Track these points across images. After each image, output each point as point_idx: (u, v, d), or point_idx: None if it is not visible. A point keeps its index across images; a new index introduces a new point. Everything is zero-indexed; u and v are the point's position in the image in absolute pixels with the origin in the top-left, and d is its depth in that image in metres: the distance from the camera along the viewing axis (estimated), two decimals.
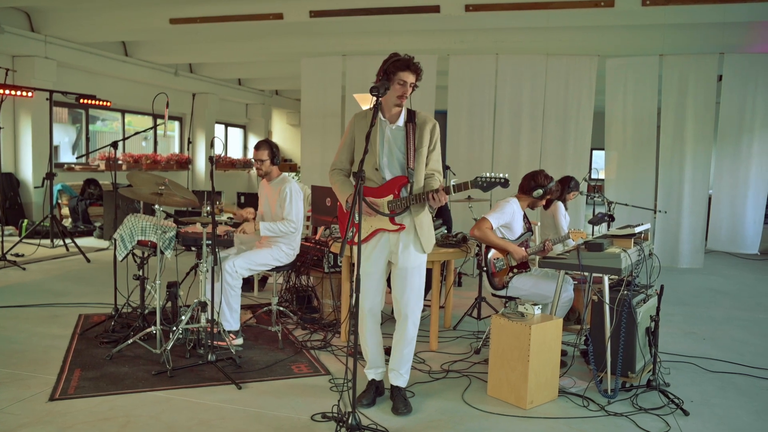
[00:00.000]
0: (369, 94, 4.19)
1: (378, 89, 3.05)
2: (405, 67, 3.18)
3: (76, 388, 3.54)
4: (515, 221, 4.26)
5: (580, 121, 8.02)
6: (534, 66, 8.11)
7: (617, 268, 3.52)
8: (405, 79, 3.18)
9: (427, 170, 3.33)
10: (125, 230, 4.21)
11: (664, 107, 7.86)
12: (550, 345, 3.54)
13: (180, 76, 13.49)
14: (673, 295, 6.60)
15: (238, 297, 4.32)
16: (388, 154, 3.28)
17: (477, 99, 8.32)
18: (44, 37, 9.98)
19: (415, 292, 3.35)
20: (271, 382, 3.78)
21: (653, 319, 3.71)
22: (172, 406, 3.36)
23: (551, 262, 3.75)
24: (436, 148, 3.34)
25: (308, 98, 9.21)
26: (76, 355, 4.11)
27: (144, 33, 10.36)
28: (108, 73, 11.68)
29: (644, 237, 4.17)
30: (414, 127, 3.29)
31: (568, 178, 5.67)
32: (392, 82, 3.18)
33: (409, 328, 3.37)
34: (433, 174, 3.34)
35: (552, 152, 8.12)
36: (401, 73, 3.18)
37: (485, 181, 3.06)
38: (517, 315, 3.60)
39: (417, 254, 3.32)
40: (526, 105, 8.19)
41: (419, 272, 3.35)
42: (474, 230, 4.16)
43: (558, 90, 8.05)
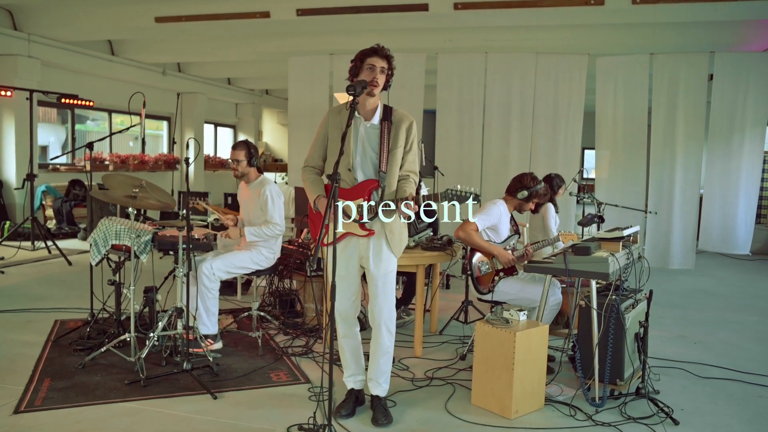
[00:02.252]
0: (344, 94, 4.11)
1: (354, 88, 2.93)
2: (372, 52, 3.10)
3: (44, 400, 3.40)
4: (502, 223, 4.15)
5: (570, 120, 7.94)
6: (523, 64, 8.02)
7: (604, 272, 3.41)
8: (373, 63, 3.08)
9: (402, 172, 3.22)
10: (99, 234, 4.08)
11: (654, 106, 7.78)
12: (536, 352, 3.43)
13: (168, 76, 13.33)
14: (663, 297, 6.51)
15: (215, 300, 4.20)
16: (361, 154, 3.16)
17: (466, 98, 8.22)
18: (27, 35, 9.80)
19: (388, 298, 3.23)
20: (249, 391, 3.65)
21: (642, 324, 3.61)
22: (143, 417, 3.23)
23: (537, 266, 3.64)
24: (412, 148, 3.22)
25: (296, 97, 9.09)
26: (47, 364, 3.97)
27: (129, 32, 10.19)
28: (94, 72, 11.51)
29: (633, 240, 4.06)
30: (390, 125, 3.17)
31: (551, 177, 5.58)
32: (362, 71, 3.08)
33: (384, 336, 3.25)
34: (408, 176, 3.22)
35: (542, 151, 8.03)
36: (369, 58, 3.09)
37: (455, 195, 2.95)
38: (502, 321, 3.49)
39: (388, 260, 3.20)
40: (515, 104, 8.10)
41: (392, 278, 3.24)
42: (459, 232, 4.05)
43: (548, 89, 7.96)
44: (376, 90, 3.09)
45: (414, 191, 3.16)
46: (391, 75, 3.17)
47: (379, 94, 3.17)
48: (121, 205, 3.97)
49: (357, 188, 3.15)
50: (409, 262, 4.25)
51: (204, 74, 14.15)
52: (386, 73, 3.13)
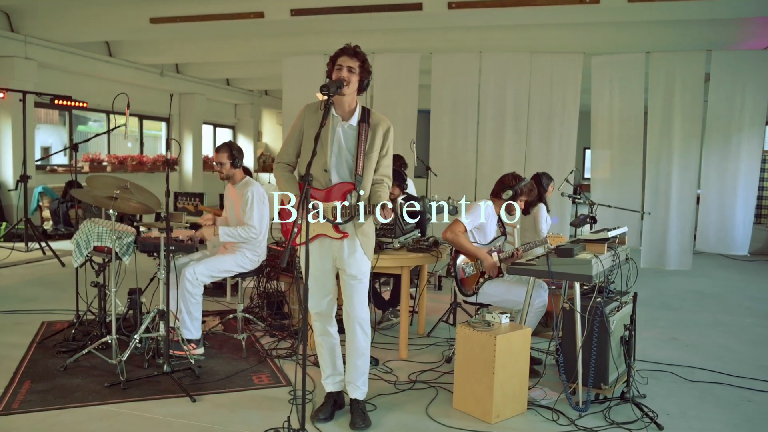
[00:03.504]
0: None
1: (329, 87, 2.89)
2: (341, 52, 3.08)
3: (21, 402, 3.38)
4: (489, 224, 4.10)
5: (565, 119, 7.87)
6: (518, 64, 7.96)
7: (587, 275, 3.36)
8: (342, 63, 3.05)
9: (376, 176, 3.18)
10: (81, 236, 4.05)
11: (650, 105, 7.70)
12: (517, 356, 3.38)
13: (166, 77, 13.32)
14: (658, 298, 6.45)
15: (198, 305, 4.16)
16: (337, 155, 3.13)
17: (460, 98, 8.17)
18: (24, 37, 9.80)
19: (363, 299, 3.21)
20: (229, 394, 3.62)
21: (627, 327, 3.55)
22: (120, 421, 3.20)
23: (520, 268, 3.59)
24: (388, 153, 3.19)
25: (290, 98, 9.06)
26: (29, 366, 3.95)
27: (124, 33, 10.18)
28: (91, 73, 11.50)
29: (620, 241, 4.01)
30: (367, 128, 3.14)
31: (539, 176, 5.52)
32: (334, 72, 3.06)
33: (359, 337, 3.22)
34: (382, 180, 3.19)
35: (537, 151, 7.97)
36: (339, 58, 3.07)
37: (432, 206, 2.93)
38: (483, 324, 3.44)
39: (363, 261, 3.17)
40: (510, 103, 8.04)
41: (366, 279, 3.21)
42: (446, 233, 4.00)
43: (543, 88, 7.90)
44: (346, 89, 3.05)
45: (387, 196, 3.13)
46: (367, 74, 3.13)
47: (354, 94, 3.12)
48: (102, 206, 3.93)
49: (332, 190, 3.12)
50: (392, 264, 4.21)
51: (202, 75, 14.14)
52: (357, 73, 3.08)
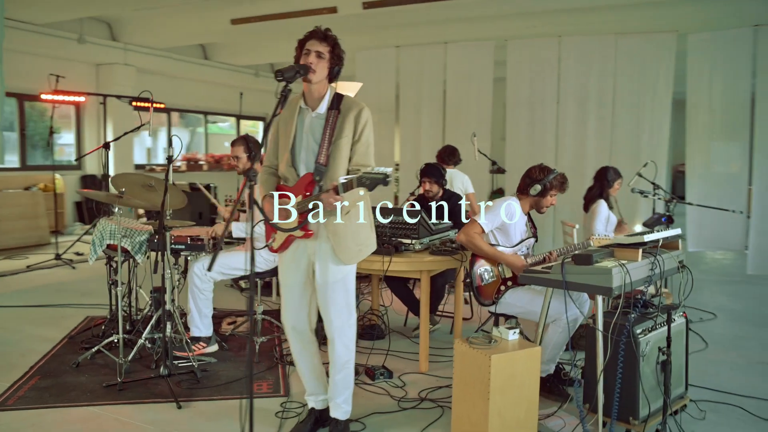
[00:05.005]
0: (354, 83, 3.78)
1: (283, 73, 2.60)
2: (310, 35, 2.79)
3: (18, 399, 3.41)
4: (513, 225, 3.60)
5: (656, 108, 7.02)
6: (602, 48, 7.21)
7: (606, 287, 2.81)
8: (310, 47, 2.76)
9: (351, 166, 2.83)
10: (97, 233, 4.07)
11: (760, 90, 6.64)
12: (522, 379, 2.90)
13: (261, 77, 13.68)
14: (756, 312, 5.52)
15: (208, 301, 4.05)
16: (306, 148, 2.83)
17: (538, 87, 7.56)
18: (124, 45, 10.42)
19: (340, 309, 2.87)
20: (220, 401, 3.44)
21: (662, 351, 2.94)
22: (96, 424, 3.13)
23: (532, 276, 3.09)
24: (361, 138, 2.82)
25: (363, 94, 8.84)
26: (49, 361, 4.02)
27: (209, 35, 10.53)
28: (188, 76, 11.98)
29: (670, 245, 3.36)
30: (337, 114, 2.81)
31: (605, 170, 4.89)
32: (301, 57, 2.77)
33: (339, 351, 2.89)
34: (358, 170, 2.82)
35: (623, 144, 7.19)
36: (308, 42, 2.78)
37: (368, 179, 2.50)
38: (483, 340, 2.99)
39: (336, 267, 2.83)
40: (593, 92, 7.31)
41: (343, 286, 2.86)
42: (460, 235, 3.57)
43: (630, 74, 7.10)
44: (313, 76, 2.75)
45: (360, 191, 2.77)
46: (339, 60, 2.81)
47: (323, 81, 2.82)
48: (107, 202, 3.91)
49: (297, 184, 2.83)
50: (406, 268, 3.85)
51: None
52: (327, 59, 2.77)
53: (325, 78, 2.82)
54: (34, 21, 8.81)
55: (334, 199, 2.60)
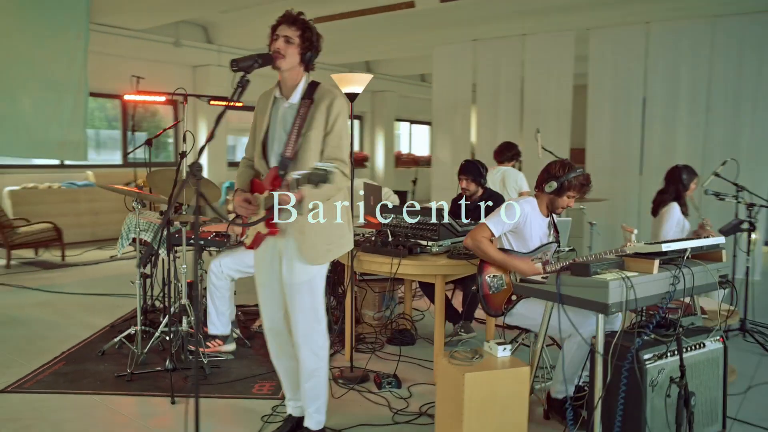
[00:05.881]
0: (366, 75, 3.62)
1: (238, 62, 2.46)
2: (281, 19, 2.64)
3: (36, 382, 3.58)
4: (528, 227, 3.24)
5: (759, 99, 6.16)
6: (695, 33, 6.46)
7: (602, 302, 2.41)
8: (278, 33, 2.62)
9: (324, 159, 2.64)
10: (125, 227, 4.20)
11: None
12: (505, 402, 2.58)
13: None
14: None
15: (225, 299, 4.03)
16: (278, 139, 2.69)
17: (622, 78, 6.94)
18: (217, 47, 10.89)
19: (306, 313, 2.69)
20: (217, 400, 3.40)
21: (675, 382, 2.49)
22: (88, 413, 3.20)
23: (527, 287, 2.74)
24: (333, 130, 2.63)
25: (439, 90, 8.63)
26: (83, 348, 4.20)
27: None
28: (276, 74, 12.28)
29: (712, 257, 2.87)
30: (309, 104, 2.65)
31: (678, 169, 4.33)
32: (271, 42, 2.64)
33: (306, 358, 2.72)
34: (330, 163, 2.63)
35: (718, 140, 6.41)
36: (277, 28, 2.63)
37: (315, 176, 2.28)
38: (467, 355, 2.70)
39: (302, 267, 2.65)
40: (684, 82, 6.58)
41: (309, 288, 2.68)
42: (467, 239, 3.27)
43: (728, 61, 6.28)
44: (281, 62, 2.60)
45: (334, 188, 2.58)
46: (311, 46, 2.64)
47: (296, 69, 2.66)
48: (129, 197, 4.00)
49: (266, 179, 2.70)
50: (417, 272, 3.60)
51: (394, 72, 14.28)
52: (297, 44, 2.61)
53: (298, 65, 2.67)
54: (132, 27, 9.43)
55: (286, 197, 2.44)
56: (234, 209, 2.77)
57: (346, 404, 3.36)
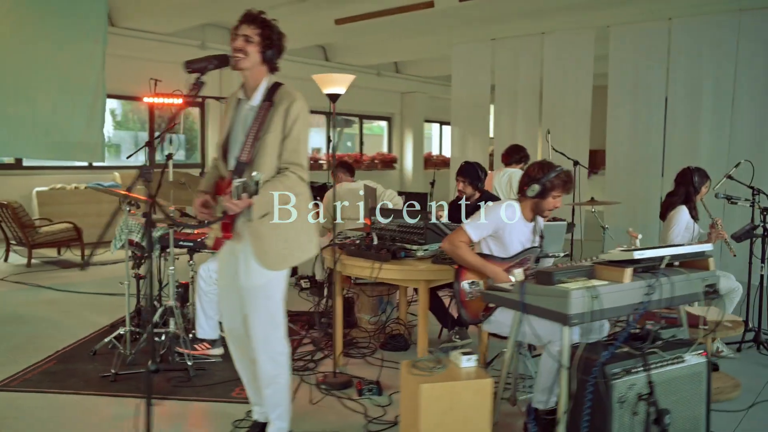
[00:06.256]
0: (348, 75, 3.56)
1: (191, 64, 2.43)
2: (239, 20, 2.59)
3: (23, 381, 3.64)
4: (508, 232, 3.11)
5: None
6: (720, 28, 6.17)
7: (563, 313, 2.28)
8: (237, 32, 2.57)
9: (281, 163, 2.60)
10: (118, 229, 4.24)
11: None
12: (466, 415, 2.47)
13: (383, 77, 13.70)
14: None
15: (213, 303, 3.99)
16: (238, 142, 2.65)
17: (643, 76, 6.68)
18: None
19: (262, 319, 2.64)
20: (192, 402, 3.39)
21: (643, 398, 2.33)
22: (61, 413, 3.23)
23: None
24: (291, 134, 2.57)
25: (459, 90, 8.51)
26: (78, 347, 4.25)
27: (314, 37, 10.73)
28: (308, 77, 12.29)
29: (699, 265, 2.70)
30: (269, 106, 2.60)
31: (690, 172, 4.13)
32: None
33: (264, 365, 2.67)
34: (286, 169, 2.58)
35: (745, 141, 6.11)
36: (239, 27, 2.58)
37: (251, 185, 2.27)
38: (428, 364, 2.60)
39: (258, 271, 2.60)
40: (708, 79, 6.30)
41: (264, 293, 2.63)
42: (444, 243, 3.17)
43: (755, 57, 5.98)
44: (241, 63, 2.56)
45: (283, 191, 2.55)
46: (271, 44, 2.59)
47: (257, 68, 2.62)
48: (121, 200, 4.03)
49: (225, 182, 2.66)
50: (401, 277, 3.50)
51: (423, 72, 14.16)
52: (256, 42, 2.56)
53: (260, 64, 2.62)
54: (158, 30, 9.60)
55: (232, 204, 2.40)
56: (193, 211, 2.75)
57: (322, 410, 3.30)
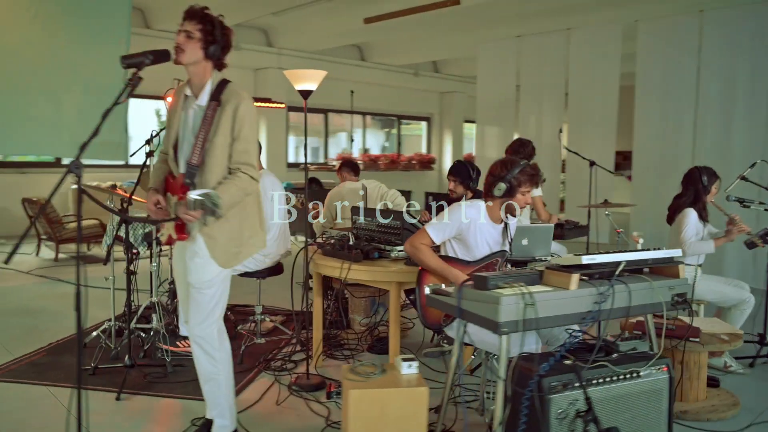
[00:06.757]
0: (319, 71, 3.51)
1: (127, 59, 2.41)
2: (183, 16, 2.56)
3: (8, 372, 3.74)
4: (473, 234, 2.97)
5: None
6: (756, 18, 5.77)
7: (491, 320, 2.14)
8: (180, 28, 2.54)
9: (232, 164, 2.56)
10: (110, 226, 4.32)
11: None
12: (399, 424, 2.36)
13: (421, 76, 13.59)
14: None
15: None
16: (187, 142, 2.63)
17: (672, 71, 6.33)
18: (277, 50, 11.11)
19: (202, 314, 2.63)
20: (162, 398, 3.41)
21: (581, 415, 2.16)
22: (36, 404, 3.30)
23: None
24: (240, 135, 2.55)
25: (484, 88, 8.32)
26: (69, 340, 4.34)
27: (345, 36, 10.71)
28: (343, 77, 12.22)
29: (668, 272, 2.50)
30: (216, 106, 2.56)
31: (698, 171, 3.90)
32: None
33: (200, 359, 2.67)
34: (237, 169, 2.54)
35: None
36: (181, 23, 2.55)
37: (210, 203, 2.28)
38: (367, 369, 2.50)
39: (204, 268, 2.60)
40: (742, 74, 5.91)
41: (209, 290, 2.62)
42: (406, 245, 3.05)
43: None
44: (181, 57, 2.53)
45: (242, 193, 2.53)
46: (214, 40, 2.55)
47: (201, 65, 2.59)
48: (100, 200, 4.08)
49: (176, 184, 2.64)
50: (371, 278, 3.42)
51: (462, 72, 13.97)
52: (198, 38, 2.53)
53: (203, 60, 2.59)
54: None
55: (189, 216, 2.39)
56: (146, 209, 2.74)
57: (284, 412, 3.25)
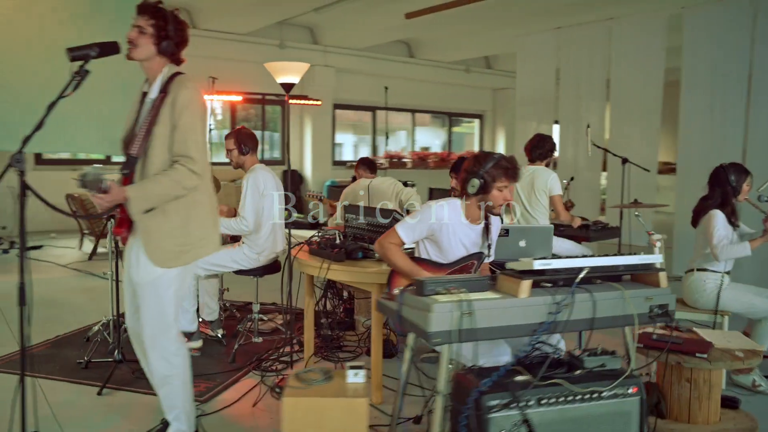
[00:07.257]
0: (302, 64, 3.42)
1: (73, 51, 2.36)
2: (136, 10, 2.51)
3: (7, 362, 3.84)
4: (446, 235, 2.77)
5: None
6: None
7: (421, 329, 1.95)
8: (133, 23, 2.50)
9: (173, 156, 2.48)
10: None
11: None
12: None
13: (472, 72, 13.28)
14: None
15: (191, 297, 4.00)
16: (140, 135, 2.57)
17: (722, 61, 5.84)
18: (323, 47, 11.10)
19: (152, 316, 2.55)
20: (142, 395, 3.36)
21: None
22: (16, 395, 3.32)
23: (382, 303, 2.32)
24: (179, 125, 2.46)
25: (524, 83, 8.00)
26: (77, 333, 4.42)
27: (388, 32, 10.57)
28: (392, 74, 12.08)
29: (648, 280, 2.23)
30: (163, 98, 2.50)
31: (723, 171, 3.57)
32: None
33: (155, 362, 2.58)
34: (176, 161, 2.46)
35: None
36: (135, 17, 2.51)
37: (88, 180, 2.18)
38: (311, 376, 2.36)
39: (146, 267, 2.52)
40: None
41: (154, 291, 2.54)
42: (376, 244, 2.88)
43: None
44: (133, 52, 2.49)
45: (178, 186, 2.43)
46: (165, 35, 2.49)
47: (154, 59, 2.54)
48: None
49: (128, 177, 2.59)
50: (350, 279, 3.28)
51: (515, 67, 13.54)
52: (149, 33, 2.47)
53: (156, 56, 2.53)
54: (237, 31, 9.93)
55: (98, 199, 2.34)
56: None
57: (258, 414, 3.16)
